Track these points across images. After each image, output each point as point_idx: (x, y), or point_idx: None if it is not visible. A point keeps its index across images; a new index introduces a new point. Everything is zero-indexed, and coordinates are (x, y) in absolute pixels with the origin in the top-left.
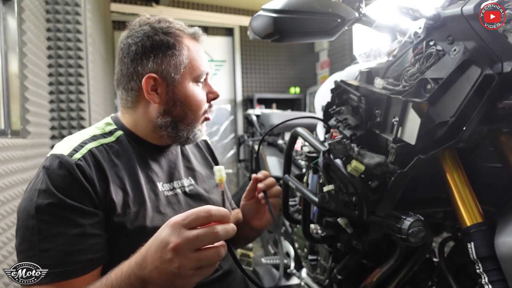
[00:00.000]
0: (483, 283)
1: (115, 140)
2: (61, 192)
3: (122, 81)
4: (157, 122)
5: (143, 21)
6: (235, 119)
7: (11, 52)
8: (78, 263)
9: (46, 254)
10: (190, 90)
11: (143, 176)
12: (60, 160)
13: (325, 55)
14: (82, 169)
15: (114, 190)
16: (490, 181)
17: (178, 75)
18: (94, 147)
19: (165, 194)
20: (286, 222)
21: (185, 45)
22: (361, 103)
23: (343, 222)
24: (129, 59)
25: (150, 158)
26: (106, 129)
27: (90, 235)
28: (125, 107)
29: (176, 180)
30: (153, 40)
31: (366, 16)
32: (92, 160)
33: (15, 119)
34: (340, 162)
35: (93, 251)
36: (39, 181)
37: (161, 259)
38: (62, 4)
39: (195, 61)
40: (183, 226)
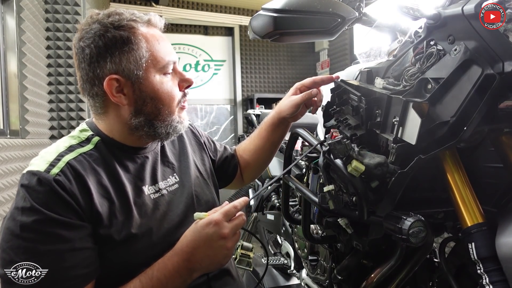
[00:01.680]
0: (484, 283)
1: (94, 147)
2: (45, 207)
3: (86, 87)
4: (132, 124)
5: (92, 19)
6: (235, 119)
7: (10, 52)
8: (71, 278)
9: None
10: (158, 83)
11: (127, 182)
12: (38, 177)
13: (325, 55)
14: (61, 184)
15: (99, 201)
16: (491, 181)
17: (141, 70)
18: (72, 159)
19: (152, 197)
20: (286, 222)
21: (142, 36)
22: (361, 103)
23: (343, 222)
24: (86, 63)
25: (131, 162)
26: (82, 136)
27: (81, 249)
28: (96, 114)
29: (160, 181)
30: (105, 38)
31: (366, 16)
32: (72, 173)
33: (14, 119)
34: (340, 162)
35: (85, 265)
36: (21, 199)
37: (212, 247)
38: (61, 3)
39: (157, 51)
40: (224, 220)
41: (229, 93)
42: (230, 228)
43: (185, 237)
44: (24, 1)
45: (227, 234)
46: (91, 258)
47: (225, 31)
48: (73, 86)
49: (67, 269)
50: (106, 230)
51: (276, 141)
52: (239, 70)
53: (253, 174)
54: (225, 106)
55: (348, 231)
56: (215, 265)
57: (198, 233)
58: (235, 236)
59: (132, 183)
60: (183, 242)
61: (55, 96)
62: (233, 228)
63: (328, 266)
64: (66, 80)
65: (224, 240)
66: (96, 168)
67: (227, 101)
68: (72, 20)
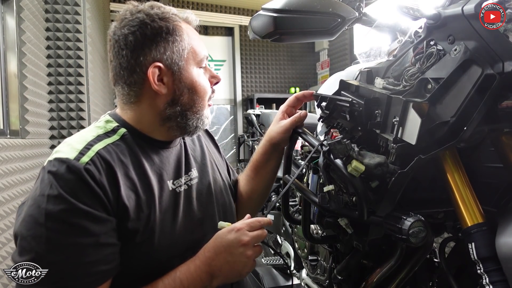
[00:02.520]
0: (484, 283)
1: (120, 138)
2: (73, 197)
3: (122, 75)
4: (165, 114)
5: (135, 9)
6: (235, 119)
7: (10, 52)
8: (91, 275)
9: (56, 267)
10: (196, 75)
11: (152, 176)
12: (67, 165)
13: (325, 55)
14: (91, 174)
15: (126, 194)
16: (491, 181)
17: (182, 61)
18: (101, 149)
19: (176, 191)
20: (286, 222)
21: (184, 29)
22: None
23: (343, 222)
24: (129, 50)
25: (156, 155)
26: (107, 127)
27: (104, 244)
28: (126, 103)
29: (182, 176)
30: (152, 27)
31: (366, 16)
32: (101, 163)
33: (14, 119)
34: (340, 162)
35: (107, 262)
36: (47, 186)
37: (232, 253)
38: (61, 3)
39: (196, 45)
40: (247, 229)
41: (229, 93)
42: (251, 237)
43: (208, 243)
44: (24, 1)
45: (247, 242)
46: (113, 255)
47: (225, 31)
48: (73, 86)
49: (88, 265)
50: (134, 223)
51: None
52: (239, 70)
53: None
54: (225, 106)
55: (348, 231)
56: (235, 273)
57: (219, 239)
58: (256, 248)
59: (156, 177)
60: (206, 247)
61: (55, 96)
62: (254, 237)
63: (328, 266)
64: (66, 80)
65: (244, 248)
66: (123, 160)
67: (227, 101)
68: (72, 20)
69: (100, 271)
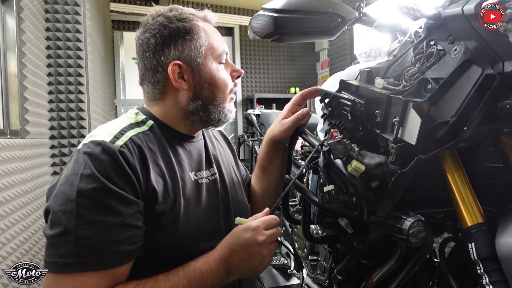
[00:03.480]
0: (484, 283)
1: (149, 129)
2: (105, 177)
3: (148, 75)
4: (188, 109)
5: (155, 14)
6: (235, 119)
7: (10, 52)
8: (115, 253)
9: (82, 241)
10: (215, 70)
11: (176, 165)
12: (102, 147)
13: (325, 55)
14: (125, 157)
15: (155, 179)
16: (491, 181)
17: (200, 58)
18: (133, 135)
19: (199, 182)
20: (286, 222)
21: (201, 27)
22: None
23: (343, 222)
24: (151, 52)
25: (180, 147)
26: (137, 118)
27: (129, 225)
28: (152, 100)
29: (204, 169)
30: (170, 28)
31: (366, 16)
32: (134, 148)
33: (14, 119)
34: (341, 162)
35: (131, 243)
36: (80, 166)
37: (248, 252)
38: (61, 3)
39: (214, 41)
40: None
41: None
42: (267, 236)
43: (225, 239)
44: (24, 1)
45: (263, 241)
46: (137, 237)
47: (225, 31)
48: (73, 86)
49: (112, 243)
50: (161, 206)
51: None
52: None
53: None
54: None
55: (348, 231)
56: (250, 270)
57: (236, 237)
58: (271, 245)
59: (180, 166)
60: (223, 242)
61: (55, 96)
62: (270, 236)
63: (328, 266)
64: (66, 80)
65: (259, 247)
66: (152, 148)
67: None
68: (72, 20)
69: (123, 250)
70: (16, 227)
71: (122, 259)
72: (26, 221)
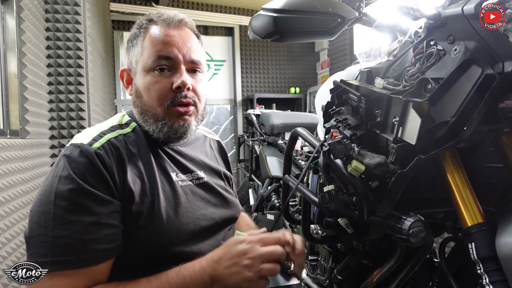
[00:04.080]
0: (484, 283)
1: (131, 131)
2: (81, 178)
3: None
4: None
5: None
6: (235, 119)
7: (10, 52)
8: (92, 251)
9: (59, 241)
10: (146, 78)
11: (156, 166)
12: (80, 149)
13: (325, 55)
14: (101, 158)
15: (132, 179)
16: (491, 181)
17: (136, 64)
18: (113, 137)
19: (179, 184)
20: (286, 222)
21: (148, 33)
22: (361, 102)
23: (343, 222)
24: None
25: (161, 150)
26: (122, 120)
27: (105, 225)
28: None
29: (188, 172)
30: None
31: (366, 16)
32: (111, 149)
33: (14, 119)
34: (340, 162)
35: (107, 241)
36: (60, 168)
37: (237, 264)
38: (61, 3)
39: (150, 47)
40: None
41: (229, 93)
42: (259, 253)
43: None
44: (24, 1)
45: (253, 257)
46: (114, 236)
47: (225, 31)
48: (73, 86)
49: (88, 242)
50: (138, 207)
51: None
52: (239, 70)
53: None
54: (225, 106)
55: (348, 231)
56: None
57: (229, 246)
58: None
59: (160, 168)
60: (215, 250)
61: (55, 96)
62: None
63: (328, 266)
64: (66, 80)
65: (248, 261)
66: (132, 150)
67: (227, 101)
68: (72, 20)
69: (99, 249)
70: (16, 227)
71: (99, 257)
72: (26, 221)
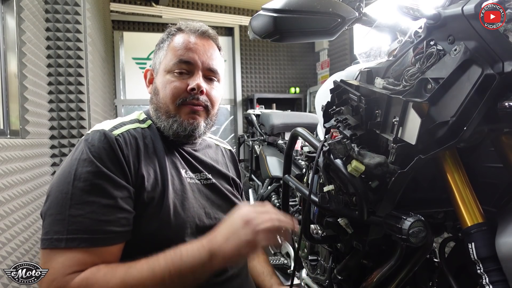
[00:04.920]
0: (484, 283)
1: (148, 127)
2: (99, 161)
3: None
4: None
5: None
6: (235, 119)
7: (10, 52)
8: (105, 232)
9: (75, 219)
10: (165, 78)
11: (168, 161)
12: (100, 134)
13: (325, 55)
14: (120, 144)
15: (146, 168)
16: (490, 181)
17: (159, 65)
18: (132, 128)
19: (188, 181)
20: None
21: (174, 39)
22: (361, 102)
23: (343, 222)
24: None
25: (174, 148)
26: (140, 117)
27: (120, 208)
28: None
29: (197, 172)
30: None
31: (366, 16)
32: (130, 138)
33: (14, 119)
34: (340, 162)
35: (120, 225)
36: (80, 151)
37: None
38: (61, 3)
39: (174, 50)
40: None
41: (229, 93)
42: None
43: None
44: (24, 1)
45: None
46: (127, 220)
47: (225, 31)
48: (73, 86)
49: (102, 223)
50: (149, 194)
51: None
52: (239, 70)
53: None
54: (225, 106)
55: (348, 231)
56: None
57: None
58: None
59: (172, 163)
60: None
61: (55, 96)
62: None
63: (328, 266)
64: (66, 80)
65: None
66: (147, 143)
67: (227, 101)
68: (72, 20)
69: (112, 231)
70: (16, 227)
71: (110, 239)
72: (26, 221)
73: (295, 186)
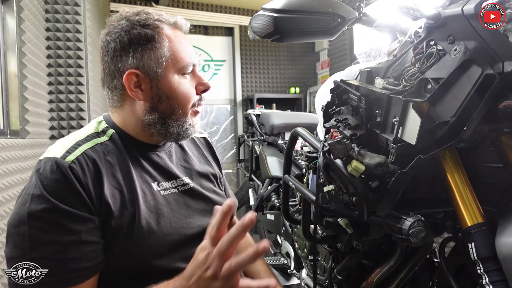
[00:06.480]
0: (484, 283)
1: (109, 139)
2: (55, 197)
3: (106, 80)
4: (145, 120)
5: (120, 16)
6: (235, 119)
7: (10, 52)
8: (72, 271)
9: (39, 263)
10: (175, 83)
11: (136, 176)
12: (52, 164)
13: (325, 55)
14: (75, 173)
15: (110, 193)
16: (490, 181)
17: (160, 68)
18: (88, 148)
19: (161, 193)
20: (286, 222)
21: (166, 36)
22: (361, 102)
23: (343, 222)
24: (109, 57)
25: (142, 157)
26: (99, 128)
27: (85, 242)
28: (112, 107)
29: (172, 179)
30: (131, 34)
31: (366, 16)
32: (87, 162)
33: (14, 119)
34: (340, 162)
35: (88, 259)
36: (32, 185)
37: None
38: (61, 3)
39: (178, 52)
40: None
41: (229, 93)
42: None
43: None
44: (24, 1)
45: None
46: (95, 253)
47: (225, 31)
48: (73, 86)
49: (68, 261)
50: (118, 221)
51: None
52: (239, 70)
53: None
54: (225, 106)
55: (348, 231)
56: None
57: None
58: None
59: (141, 178)
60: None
61: (55, 96)
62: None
63: (328, 266)
64: (66, 80)
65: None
66: (110, 160)
67: (227, 101)
68: (72, 20)
69: (81, 268)
70: None
71: (81, 276)
72: None
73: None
